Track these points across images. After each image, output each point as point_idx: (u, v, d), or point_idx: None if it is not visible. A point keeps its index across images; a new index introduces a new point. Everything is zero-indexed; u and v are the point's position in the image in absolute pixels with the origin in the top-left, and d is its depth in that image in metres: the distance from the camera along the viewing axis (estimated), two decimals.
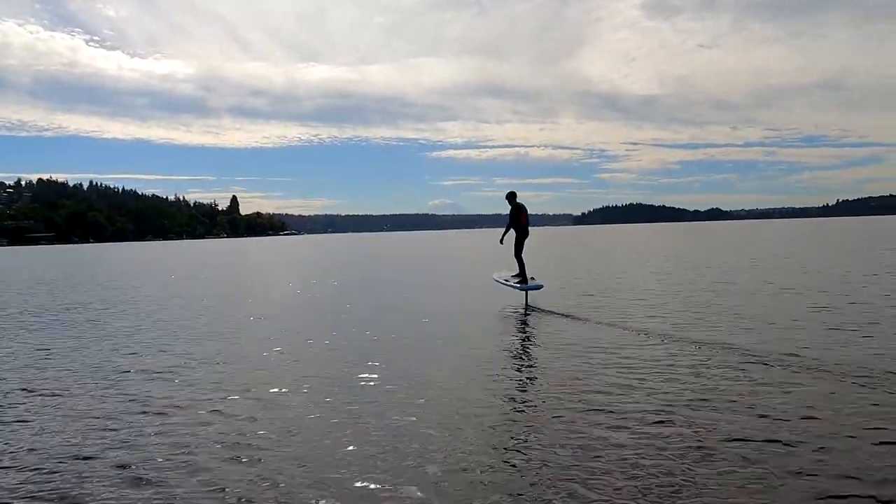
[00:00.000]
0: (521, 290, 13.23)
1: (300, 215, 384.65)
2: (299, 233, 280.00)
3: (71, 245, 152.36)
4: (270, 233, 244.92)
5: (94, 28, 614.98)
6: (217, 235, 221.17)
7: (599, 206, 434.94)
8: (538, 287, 13.12)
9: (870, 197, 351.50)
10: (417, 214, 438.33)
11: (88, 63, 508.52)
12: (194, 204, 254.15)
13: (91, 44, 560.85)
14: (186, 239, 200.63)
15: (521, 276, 13.43)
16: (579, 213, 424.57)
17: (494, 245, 15.99)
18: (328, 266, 33.62)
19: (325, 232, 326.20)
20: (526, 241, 13.56)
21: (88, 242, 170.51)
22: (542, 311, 11.97)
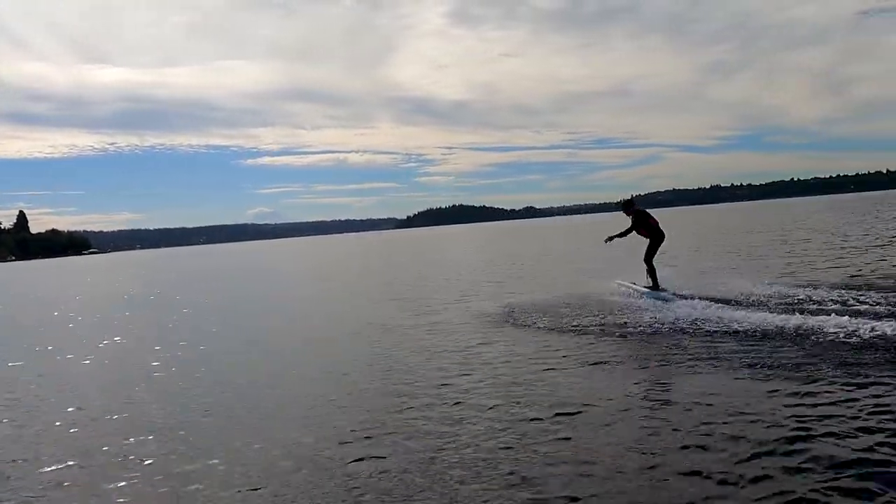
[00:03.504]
0: (649, 297, 11.86)
1: (101, 231, 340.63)
2: (103, 250, 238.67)
3: None
4: (71, 252, 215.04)
5: None
6: (3, 259, 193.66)
7: (423, 208, 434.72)
8: (665, 298, 11.52)
9: (657, 192, 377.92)
10: (236, 225, 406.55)
11: None
12: None
13: None
14: None
15: (654, 283, 12.33)
16: (404, 217, 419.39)
17: (333, 255, 23.62)
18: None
19: (132, 248, 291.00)
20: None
21: None
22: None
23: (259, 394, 7.50)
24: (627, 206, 12.78)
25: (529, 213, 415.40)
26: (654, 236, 12.51)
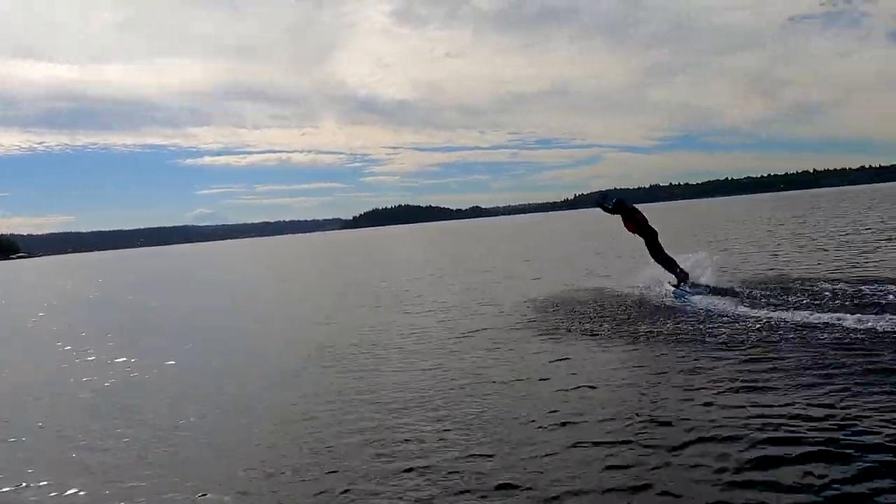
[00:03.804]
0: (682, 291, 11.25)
1: (30, 234, 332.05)
2: (33, 254, 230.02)
3: None
4: None
5: None
6: None
7: (369, 208, 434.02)
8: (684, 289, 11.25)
9: (599, 191, 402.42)
10: (176, 227, 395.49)
11: None
12: None
13: None
14: None
15: (679, 274, 11.73)
16: (350, 217, 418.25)
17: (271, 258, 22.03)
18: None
19: (65, 251, 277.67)
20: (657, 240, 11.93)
21: None
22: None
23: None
24: (617, 206, 12.24)
25: (475, 212, 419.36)
26: (646, 234, 12.11)
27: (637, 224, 12.16)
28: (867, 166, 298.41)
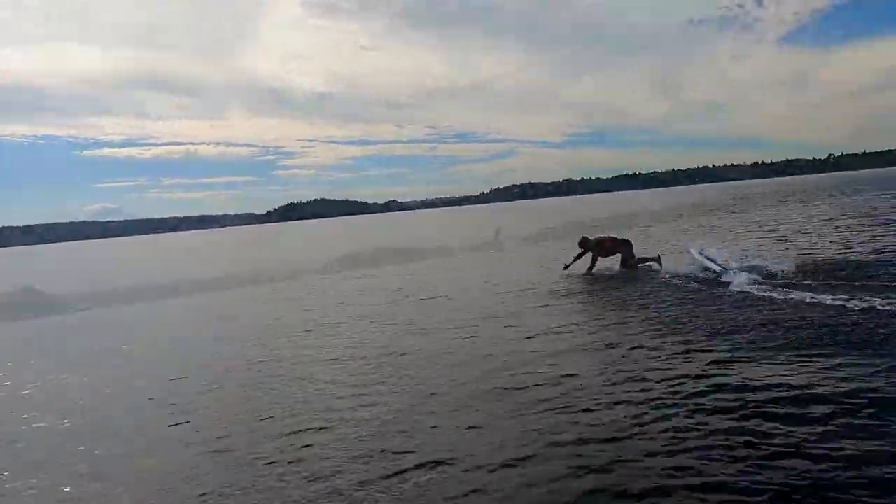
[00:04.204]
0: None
1: None
2: None
3: None
4: None
5: None
6: None
7: (283, 203, 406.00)
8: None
9: (513, 185, 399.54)
10: (74, 223, 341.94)
11: None
12: None
13: None
14: None
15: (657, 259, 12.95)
16: (263, 212, 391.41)
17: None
18: None
19: None
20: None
21: None
22: None
23: None
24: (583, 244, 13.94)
25: (392, 206, 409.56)
26: (622, 248, 13.51)
27: (609, 248, 13.55)
28: (759, 162, 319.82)
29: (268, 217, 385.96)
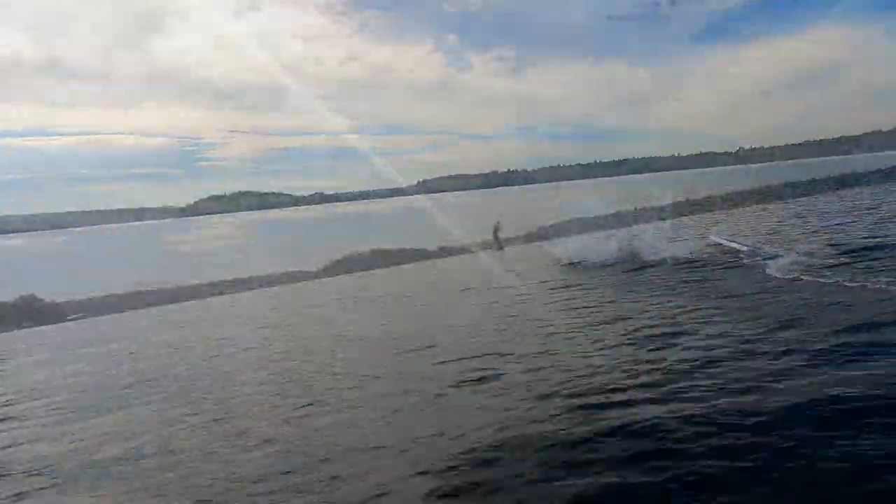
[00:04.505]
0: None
1: None
2: None
3: None
4: None
5: None
6: None
7: (205, 195, 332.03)
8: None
9: (445, 176, 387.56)
10: None
11: None
12: None
13: None
14: None
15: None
16: (184, 205, 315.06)
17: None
18: None
19: None
20: None
21: None
22: None
23: None
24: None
25: (319, 198, 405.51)
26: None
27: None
28: (676, 155, 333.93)
29: (189, 210, 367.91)
